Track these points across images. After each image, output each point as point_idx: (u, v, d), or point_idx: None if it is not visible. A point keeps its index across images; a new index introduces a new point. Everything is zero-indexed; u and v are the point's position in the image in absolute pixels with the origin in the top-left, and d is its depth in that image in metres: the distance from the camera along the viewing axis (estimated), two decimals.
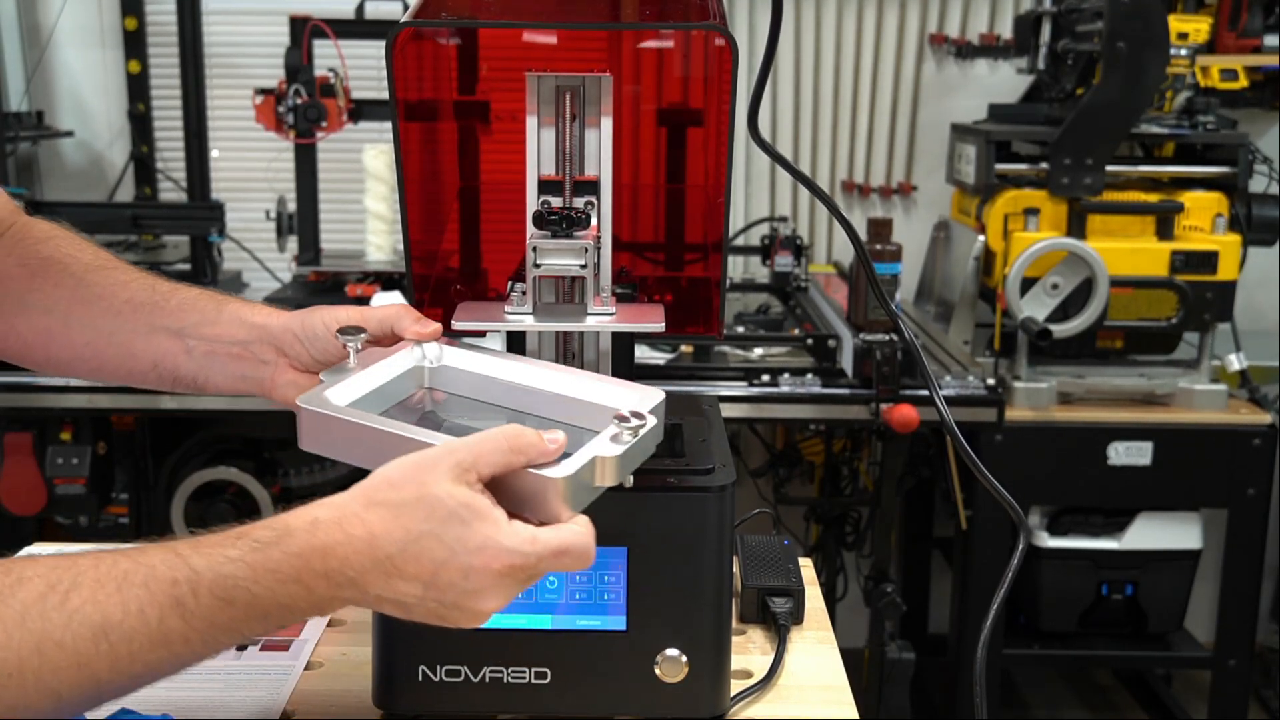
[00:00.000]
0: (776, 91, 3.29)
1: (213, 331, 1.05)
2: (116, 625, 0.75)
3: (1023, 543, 1.05)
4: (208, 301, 1.07)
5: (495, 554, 0.80)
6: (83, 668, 0.74)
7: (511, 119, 1.16)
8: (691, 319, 1.20)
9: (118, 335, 1.06)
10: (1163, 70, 2.50)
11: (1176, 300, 2.56)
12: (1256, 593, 2.62)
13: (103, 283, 1.06)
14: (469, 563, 0.80)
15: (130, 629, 0.76)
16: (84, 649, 0.74)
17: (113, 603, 0.75)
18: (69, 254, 1.07)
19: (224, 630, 0.79)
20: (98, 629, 0.75)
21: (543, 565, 0.82)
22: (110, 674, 0.76)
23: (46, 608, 0.74)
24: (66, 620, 0.74)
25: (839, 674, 1.09)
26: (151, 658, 0.77)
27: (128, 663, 0.76)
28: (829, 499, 2.95)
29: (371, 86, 2.90)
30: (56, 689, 0.74)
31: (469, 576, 0.80)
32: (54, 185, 3.32)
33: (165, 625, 0.76)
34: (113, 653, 0.75)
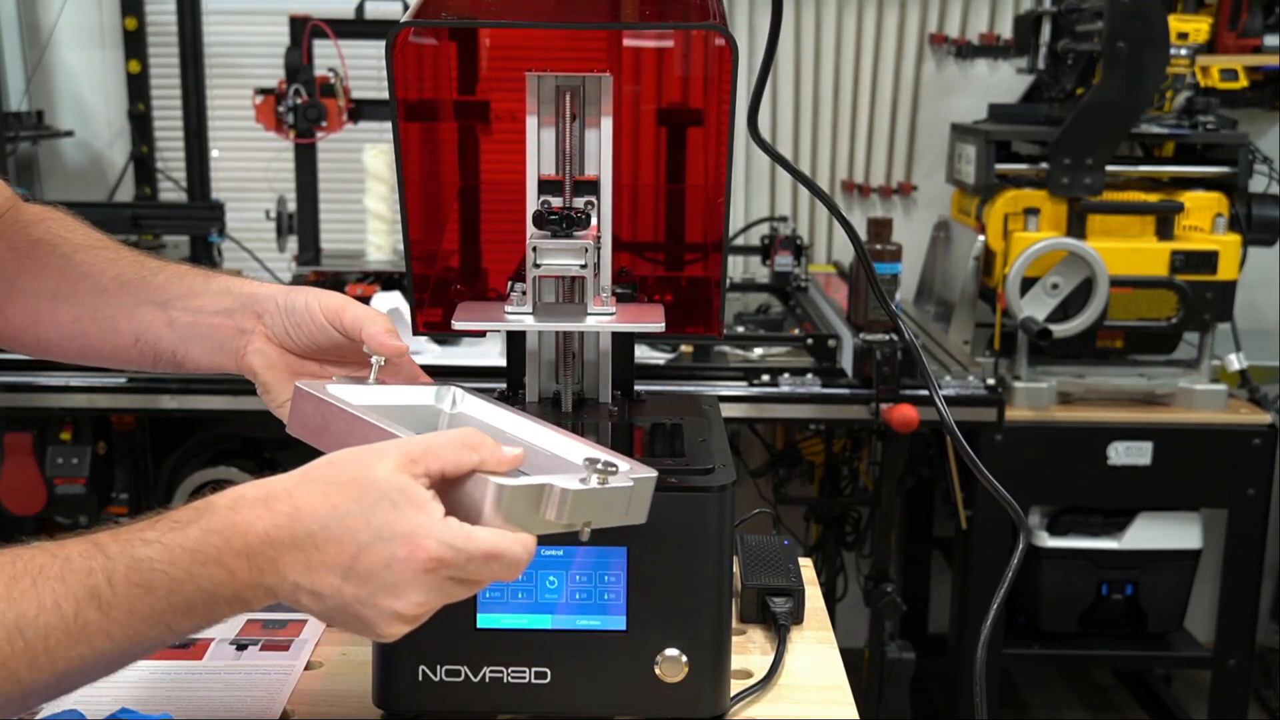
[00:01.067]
0: (776, 91, 3.29)
1: (198, 303, 1.03)
2: (31, 621, 0.72)
3: (1023, 543, 1.05)
4: (197, 275, 1.05)
5: (421, 544, 0.75)
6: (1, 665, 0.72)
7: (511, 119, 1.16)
8: (691, 319, 1.20)
9: (103, 311, 1.04)
10: (1163, 70, 2.50)
11: (1176, 300, 2.56)
12: (1256, 593, 2.62)
13: (91, 261, 1.05)
14: (393, 551, 0.75)
15: (46, 624, 0.73)
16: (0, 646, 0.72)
17: (27, 599, 0.73)
18: (59, 235, 1.06)
19: (146, 621, 0.75)
20: (11, 627, 0.72)
21: (471, 566, 0.76)
22: (30, 673, 0.73)
23: None
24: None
25: (839, 674, 1.09)
26: (72, 654, 0.74)
27: (46, 660, 0.73)
28: (829, 499, 2.95)
29: (371, 86, 2.90)
30: None
31: (391, 566, 0.75)
32: (54, 185, 3.32)
33: (82, 618, 0.73)
34: (29, 650, 0.72)
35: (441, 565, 0.76)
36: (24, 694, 0.74)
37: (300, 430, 0.91)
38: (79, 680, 0.76)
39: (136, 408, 2.43)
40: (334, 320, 0.99)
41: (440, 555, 0.75)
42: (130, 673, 1.06)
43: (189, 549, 0.75)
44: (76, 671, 0.75)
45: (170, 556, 0.75)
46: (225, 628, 1.15)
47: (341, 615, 0.78)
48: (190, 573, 0.75)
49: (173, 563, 0.75)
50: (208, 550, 0.75)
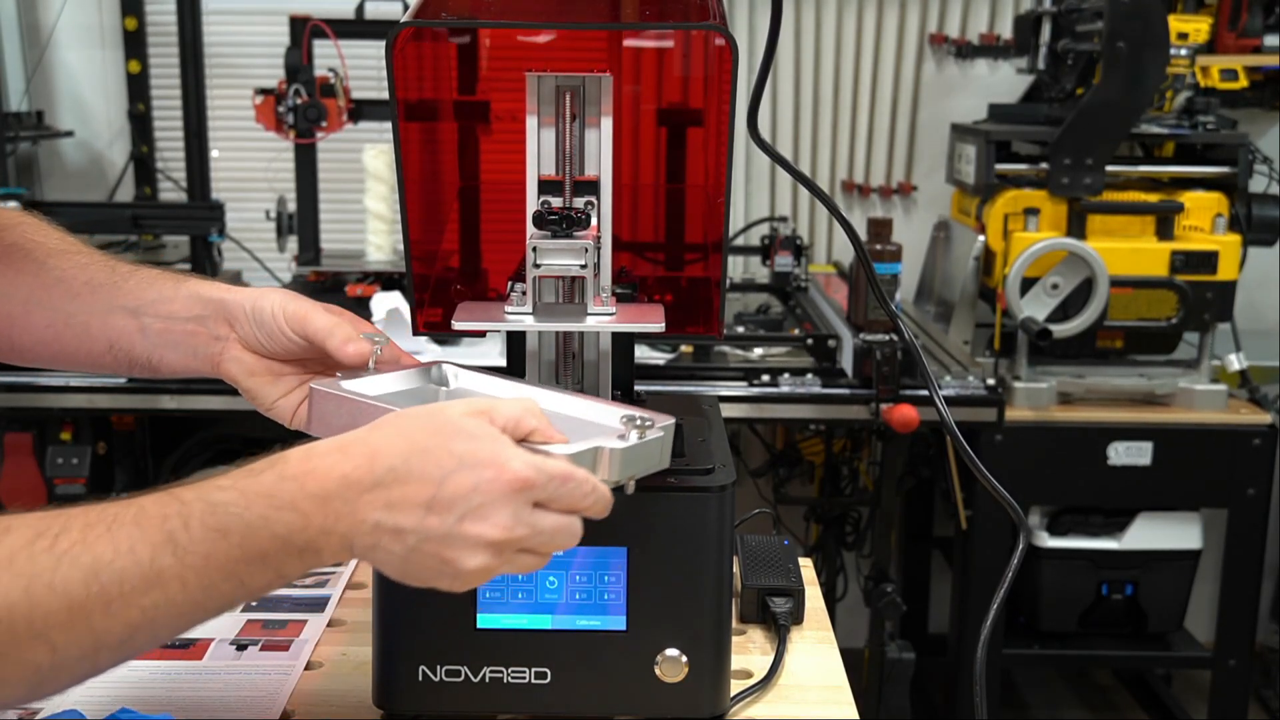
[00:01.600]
0: (776, 91, 3.29)
1: (169, 309, 1.02)
2: (107, 565, 0.73)
3: (1023, 543, 1.05)
4: (167, 280, 1.04)
5: (507, 465, 0.77)
6: (74, 611, 0.72)
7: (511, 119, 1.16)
8: (691, 319, 1.20)
9: (76, 318, 1.03)
10: (1163, 70, 2.50)
11: (1176, 300, 2.56)
12: (1256, 593, 2.62)
13: (64, 266, 1.04)
14: (478, 475, 0.77)
15: (121, 569, 0.73)
16: (75, 591, 0.72)
17: (103, 543, 0.73)
18: (34, 240, 1.06)
19: (219, 570, 0.75)
20: (88, 570, 0.72)
21: (551, 487, 0.79)
22: (105, 620, 0.73)
23: (35, 552, 0.72)
24: (55, 563, 0.72)
25: (839, 674, 1.09)
26: (146, 601, 0.73)
27: (121, 606, 0.73)
28: (829, 499, 2.95)
29: (371, 86, 2.90)
30: (49, 635, 0.72)
31: (478, 488, 0.77)
32: (54, 185, 3.32)
33: (158, 564, 0.73)
34: (105, 595, 0.72)
35: (526, 486, 0.77)
36: (95, 646, 0.73)
37: (324, 430, 0.92)
38: (147, 637, 0.75)
39: (136, 408, 2.43)
40: (298, 330, 1.00)
41: (525, 475, 0.77)
42: (130, 673, 1.06)
43: (263, 494, 0.76)
44: (148, 623, 0.74)
45: (245, 501, 0.76)
46: (225, 628, 1.15)
47: (420, 557, 0.78)
48: (265, 518, 0.76)
49: (248, 507, 0.75)
50: (282, 495, 0.76)
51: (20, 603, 0.70)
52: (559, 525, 0.80)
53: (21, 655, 0.71)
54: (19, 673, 0.71)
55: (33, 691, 0.74)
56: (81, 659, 0.73)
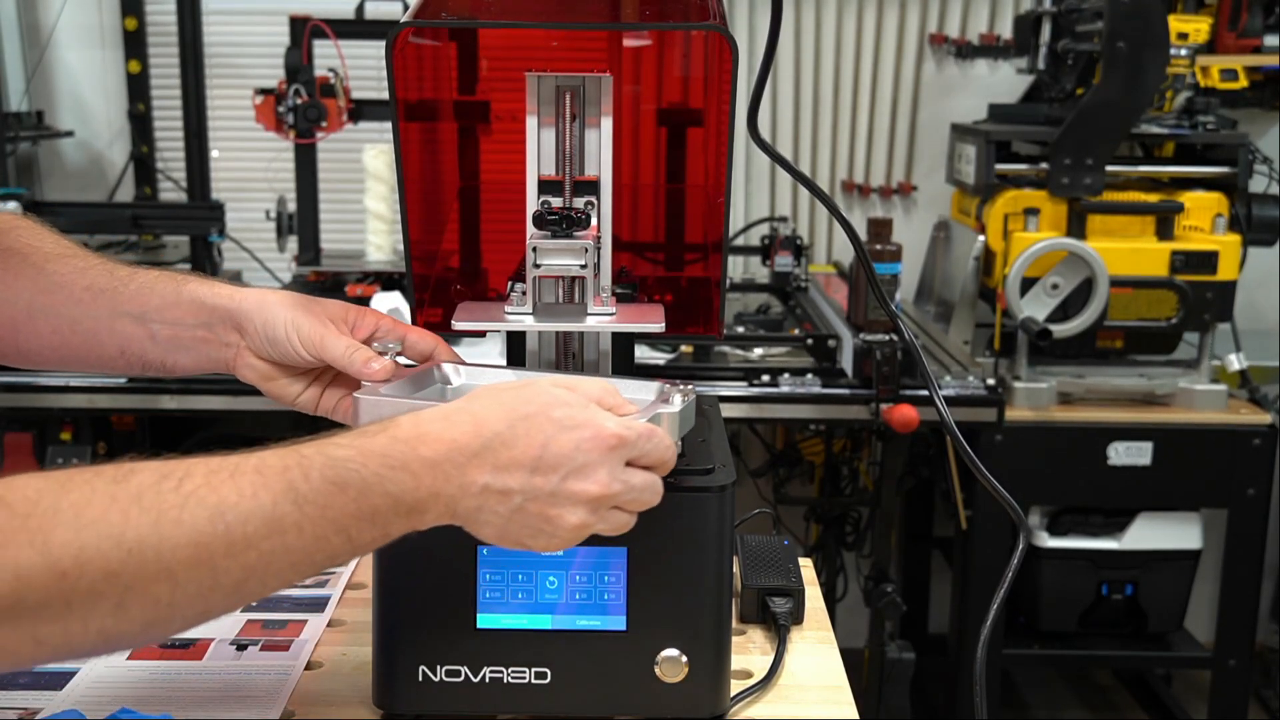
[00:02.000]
0: (776, 91, 3.29)
1: (174, 315, 1.03)
2: (232, 507, 0.76)
3: (1023, 543, 1.05)
4: (166, 284, 1.05)
5: (603, 426, 0.83)
6: (199, 547, 0.74)
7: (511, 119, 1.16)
8: (691, 319, 1.20)
9: (82, 324, 1.04)
10: (1163, 70, 2.50)
11: (1176, 300, 2.56)
12: (1256, 593, 2.62)
13: (62, 270, 1.05)
14: (579, 436, 0.83)
15: (245, 511, 0.76)
16: (201, 528, 0.74)
17: (227, 487, 0.76)
18: (29, 244, 1.06)
19: (332, 524, 0.78)
20: (214, 509, 0.75)
21: (640, 444, 0.85)
22: (226, 560, 0.75)
23: (162, 490, 0.75)
24: (183, 501, 0.75)
25: (839, 674, 1.09)
26: (265, 546, 0.76)
27: (243, 548, 0.76)
28: (829, 499, 2.95)
29: (371, 86, 2.90)
30: (173, 569, 0.74)
31: (580, 448, 0.83)
32: (54, 185, 3.32)
33: (278, 510, 0.77)
34: (229, 534, 0.75)
35: (621, 443, 0.84)
36: (213, 587, 0.76)
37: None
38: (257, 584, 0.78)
39: (136, 408, 2.43)
40: (315, 353, 1.01)
41: (620, 433, 0.84)
42: (130, 673, 1.06)
43: (379, 453, 0.80)
44: (263, 568, 0.77)
45: (362, 459, 0.79)
46: (225, 628, 1.15)
47: (523, 516, 0.83)
48: (380, 475, 0.79)
49: (364, 464, 0.79)
50: (396, 456, 0.80)
51: (149, 536, 0.73)
52: (647, 481, 0.87)
53: (146, 589, 0.73)
54: (140, 609, 0.73)
55: (146, 630, 0.76)
56: (198, 598, 0.76)
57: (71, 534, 0.71)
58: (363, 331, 1.05)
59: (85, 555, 0.71)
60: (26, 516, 0.71)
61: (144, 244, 3.08)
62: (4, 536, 0.70)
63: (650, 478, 0.87)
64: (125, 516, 0.73)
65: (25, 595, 0.70)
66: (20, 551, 0.70)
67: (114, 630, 0.73)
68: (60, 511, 0.72)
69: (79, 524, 0.71)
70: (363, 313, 1.06)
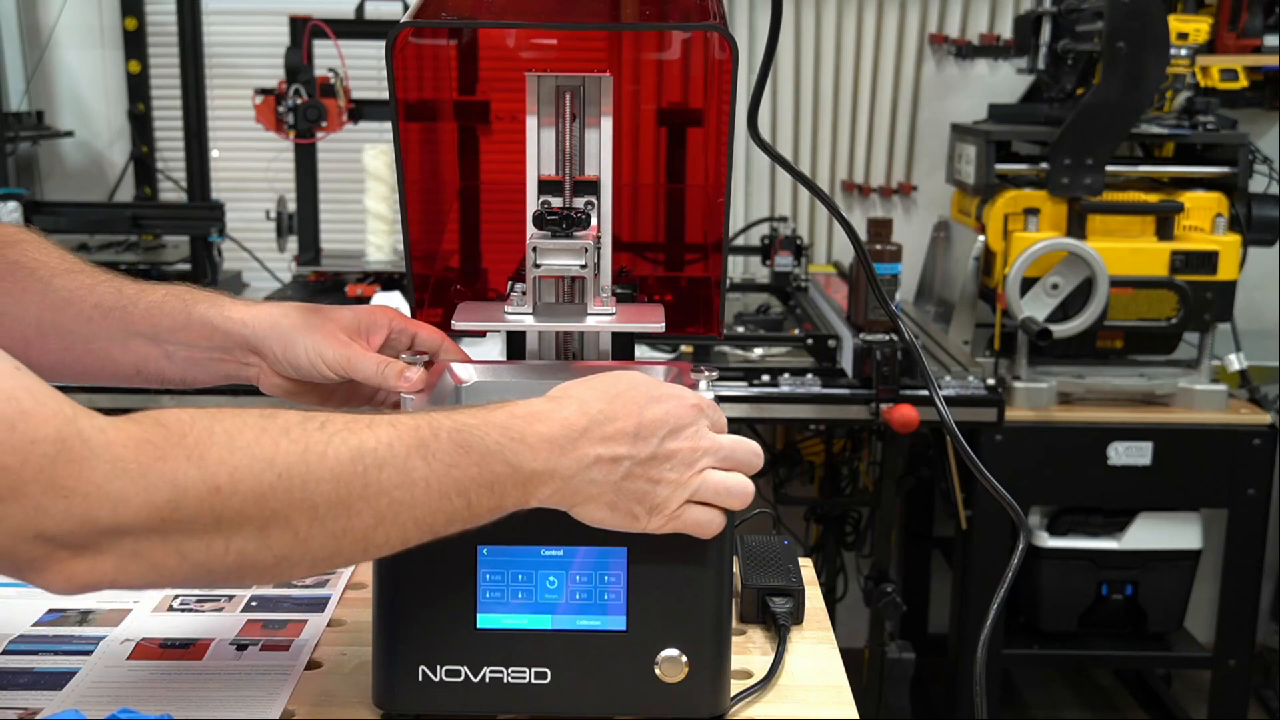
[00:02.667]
0: (776, 91, 3.29)
1: (187, 337, 1.05)
2: (370, 451, 0.80)
3: (1023, 543, 1.05)
4: (174, 303, 1.06)
5: (685, 396, 0.91)
6: (339, 484, 0.78)
7: (511, 119, 1.16)
8: (691, 319, 1.20)
9: (95, 343, 1.06)
10: (1163, 70, 2.50)
11: (1176, 300, 2.56)
12: (1256, 593, 2.62)
13: (70, 287, 1.06)
14: (667, 405, 0.90)
15: (381, 458, 0.80)
16: (343, 465, 0.78)
17: (365, 434, 0.80)
18: (35, 259, 1.07)
19: (455, 485, 0.82)
20: (355, 450, 0.79)
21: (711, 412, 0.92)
22: (361, 502, 0.79)
23: (308, 428, 0.79)
24: (327, 439, 0.79)
25: (839, 674, 1.09)
26: (397, 495, 0.80)
27: (376, 492, 0.79)
28: (829, 499, 2.95)
29: (371, 86, 2.90)
30: (315, 501, 0.77)
31: (670, 414, 0.89)
32: (54, 185, 3.32)
33: (410, 462, 0.81)
34: (365, 477, 0.79)
35: (702, 408, 0.91)
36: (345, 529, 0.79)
37: None
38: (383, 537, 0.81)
39: (136, 408, 2.42)
40: (344, 374, 1.04)
41: (700, 400, 0.92)
42: (130, 673, 1.06)
43: (500, 425, 0.85)
44: (391, 518, 0.81)
45: (485, 428, 0.84)
46: (225, 628, 1.15)
47: (631, 481, 0.88)
48: (500, 445, 0.84)
49: (487, 433, 0.84)
50: (515, 429, 0.85)
51: (297, 465, 0.77)
52: (738, 441, 0.93)
53: (290, 518, 0.77)
54: (280, 538, 0.77)
55: (278, 564, 0.79)
56: (330, 538, 0.79)
57: (226, 454, 0.75)
58: (378, 337, 1.06)
59: (238, 475, 0.75)
60: (183, 435, 0.75)
61: (144, 244, 3.08)
62: (161, 451, 0.74)
63: (739, 438, 0.93)
64: (275, 445, 0.77)
65: (180, 506, 0.73)
66: (178, 465, 0.74)
67: (252, 556, 0.77)
68: (215, 434, 0.76)
69: (233, 446, 0.76)
70: (372, 315, 1.07)
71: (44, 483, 0.70)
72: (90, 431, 0.72)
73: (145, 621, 1.17)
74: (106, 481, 0.72)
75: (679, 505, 0.90)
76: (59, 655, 1.10)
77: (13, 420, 0.70)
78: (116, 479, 0.72)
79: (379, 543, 0.82)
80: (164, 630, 1.15)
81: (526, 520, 0.91)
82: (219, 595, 1.23)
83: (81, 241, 3.00)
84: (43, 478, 0.70)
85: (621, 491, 0.88)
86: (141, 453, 0.73)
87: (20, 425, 0.70)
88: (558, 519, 0.92)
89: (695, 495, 0.91)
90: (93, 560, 0.73)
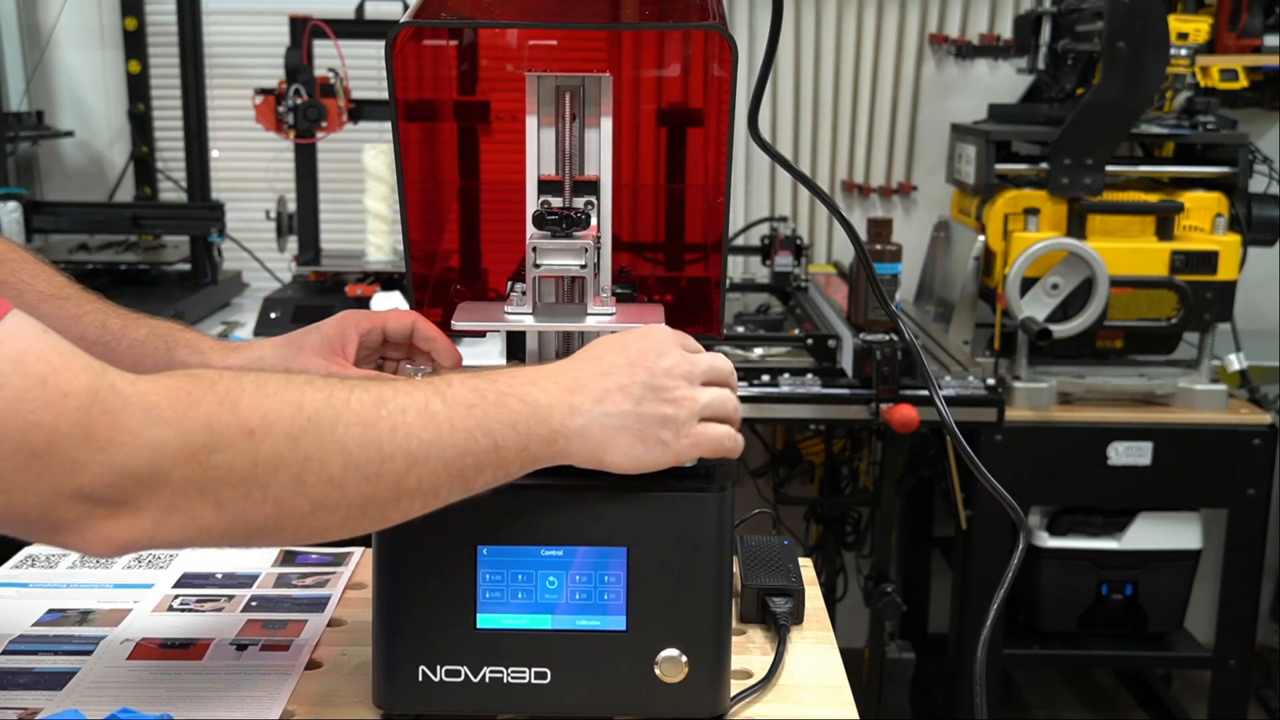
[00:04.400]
0: (776, 91, 3.29)
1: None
2: (391, 397, 0.82)
3: (1023, 543, 1.05)
4: (158, 344, 1.06)
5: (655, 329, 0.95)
6: (368, 426, 0.80)
7: (511, 119, 1.16)
8: (691, 319, 1.20)
9: None
10: (1163, 70, 2.50)
11: (1176, 300, 2.56)
12: (1256, 593, 2.62)
13: (57, 314, 1.06)
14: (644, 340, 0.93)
15: (403, 403, 0.82)
16: (368, 409, 0.80)
17: (384, 384, 0.83)
18: (23, 280, 1.07)
19: (478, 425, 0.84)
20: (376, 397, 0.81)
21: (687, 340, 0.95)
22: (390, 443, 0.80)
23: (330, 381, 0.81)
24: (349, 388, 0.81)
25: (839, 674, 1.09)
26: (425, 435, 0.82)
27: (404, 435, 0.81)
28: (829, 499, 2.95)
29: (371, 86, 2.90)
30: (346, 443, 0.79)
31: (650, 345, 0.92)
32: (54, 185, 3.32)
33: (431, 406, 0.83)
34: (391, 419, 0.81)
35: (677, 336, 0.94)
36: (382, 464, 0.80)
37: None
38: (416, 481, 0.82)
39: None
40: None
41: (673, 331, 0.95)
42: (130, 673, 1.06)
43: (505, 375, 0.89)
44: (424, 460, 0.82)
45: (493, 376, 0.88)
46: (225, 628, 1.15)
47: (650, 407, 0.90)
48: (512, 387, 0.87)
49: (494, 382, 0.87)
50: (522, 375, 0.89)
51: (324, 409, 0.79)
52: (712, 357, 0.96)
53: (324, 461, 0.78)
54: (316, 483, 0.78)
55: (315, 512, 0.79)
56: (365, 480, 0.80)
57: (257, 399, 0.77)
58: (351, 346, 1.07)
59: (270, 417, 0.76)
60: (213, 383, 0.76)
61: (144, 244, 3.08)
62: (194, 396, 0.74)
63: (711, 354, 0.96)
64: (302, 392, 0.79)
65: (216, 449, 0.74)
66: (212, 409, 0.75)
67: (290, 504, 0.78)
68: (243, 382, 0.77)
69: (262, 393, 0.77)
70: (339, 327, 1.08)
71: (80, 435, 0.70)
72: (122, 383, 0.73)
73: (145, 621, 1.17)
74: (142, 429, 0.72)
75: (697, 423, 0.92)
76: (59, 655, 1.10)
77: (44, 376, 0.70)
78: (152, 426, 0.72)
79: (412, 488, 0.82)
80: (164, 630, 1.15)
81: (527, 520, 0.91)
82: (219, 595, 1.23)
83: (81, 241, 3.00)
84: (78, 430, 0.70)
85: (643, 418, 0.90)
86: (175, 399, 0.74)
87: (52, 380, 0.70)
88: (558, 519, 0.92)
89: (704, 411, 0.93)
90: (131, 517, 0.73)
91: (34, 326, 0.72)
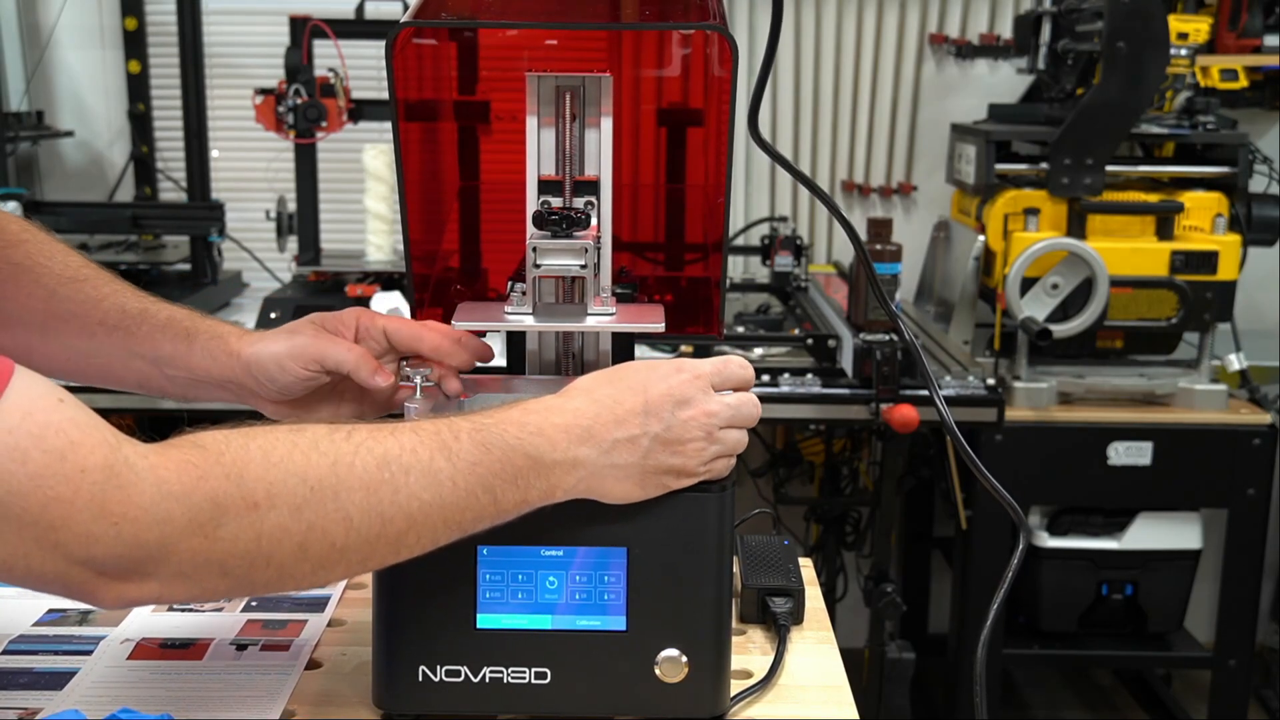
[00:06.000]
0: (776, 91, 3.29)
1: (187, 364, 1.07)
2: (395, 458, 0.83)
3: (1023, 543, 1.05)
4: (176, 332, 1.07)
5: (691, 366, 0.94)
6: (370, 492, 0.81)
7: (511, 119, 1.16)
8: (691, 319, 1.20)
9: (96, 358, 1.08)
10: (1163, 70, 2.50)
11: (1176, 300, 2.56)
12: (1256, 593, 2.62)
13: (74, 298, 1.07)
14: (671, 379, 0.92)
15: (407, 463, 0.83)
16: (371, 474, 0.82)
17: (389, 441, 0.83)
18: (40, 263, 1.07)
19: (480, 482, 0.85)
20: (380, 458, 0.82)
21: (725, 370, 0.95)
22: (392, 507, 0.82)
23: (335, 439, 0.82)
24: (354, 449, 0.82)
25: (839, 674, 1.09)
26: (425, 497, 0.83)
27: (405, 496, 0.83)
28: (829, 499, 2.95)
29: (371, 86, 2.90)
30: (348, 511, 0.81)
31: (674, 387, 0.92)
32: (54, 185, 3.32)
33: (435, 464, 0.84)
34: (393, 482, 0.82)
35: (706, 375, 0.94)
36: (380, 533, 0.83)
37: None
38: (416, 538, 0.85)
39: (136, 407, 2.42)
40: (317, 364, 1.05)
41: (703, 367, 0.94)
42: (130, 673, 1.06)
43: (517, 420, 0.89)
44: (422, 519, 0.84)
45: (503, 425, 0.88)
46: (225, 628, 1.15)
47: (657, 456, 0.91)
48: (520, 439, 0.87)
49: (505, 429, 0.87)
50: (532, 423, 0.89)
51: (328, 476, 0.80)
52: (742, 398, 0.96)
53: (326, 529, 0.80)
54: (319, 549, 0.80)
55: (316, 572, 0.82)
56: (366, 543, 0.83)
57: (262, 470, 0.79)
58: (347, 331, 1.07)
59: (274, 490, 0.79)
60: (220, 455, 0.78)
61: (144, 244, 3.08)
62: (202, 470, 0.77)
63: (744, 394, 0.96)
64: (307, 459, 0.80)
65: (222, 522, 0.77)
66: (218, 484, 0.77)
67: (291, 569, 0.81)
68: (250, 451, 0.79)
69: (268, 463, 0.79)
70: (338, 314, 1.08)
71: (95, 510, 0.72)
72: (135, 458, 0.75)
73: (145, 621, 1.17)
74: (153, 505, 0.74)
75: (708, 463, 0.94)
76: (59, 655, 1.10)
77: (63, 451, 0.72)
78: (162, 501, 0.75)
79: (411, 544, 0.85)
80: (164, 630, 1.15)
81: (527, 520, 0.91)
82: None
83: (81, 241, 3.00)
84: (94, 506, 0.72)
85: (646, 469, 0.91)
86: (184, 473, 0.76)
87: (70, 456, 0.72)
88: (558, 519, 0.92)
89: (716, 455, 0.94)
90: (140, 583, 0.76)
91: (50, 395, 0.74)
